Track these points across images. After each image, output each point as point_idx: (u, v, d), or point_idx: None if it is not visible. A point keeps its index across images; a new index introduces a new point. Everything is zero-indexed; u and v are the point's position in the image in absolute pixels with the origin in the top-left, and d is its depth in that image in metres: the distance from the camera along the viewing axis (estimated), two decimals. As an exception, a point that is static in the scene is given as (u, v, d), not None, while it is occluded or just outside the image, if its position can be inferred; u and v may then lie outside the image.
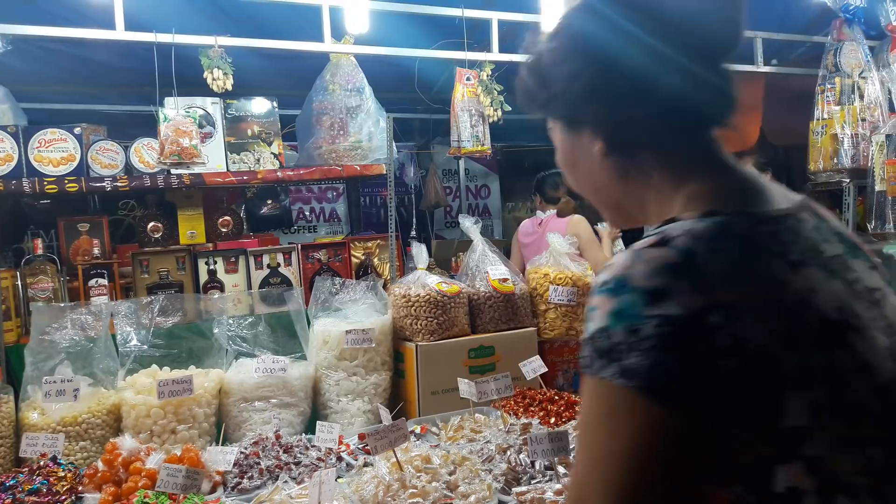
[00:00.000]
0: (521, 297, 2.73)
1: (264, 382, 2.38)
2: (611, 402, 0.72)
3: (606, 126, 0.90)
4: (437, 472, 1.77)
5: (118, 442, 1.94)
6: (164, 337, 2.48)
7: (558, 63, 0.92)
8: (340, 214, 7.22)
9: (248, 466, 1.98)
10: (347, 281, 2.64)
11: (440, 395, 2.56)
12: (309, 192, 7.12)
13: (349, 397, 2.49)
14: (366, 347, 2.49)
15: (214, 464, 1.94)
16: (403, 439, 1.78)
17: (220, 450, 2.01)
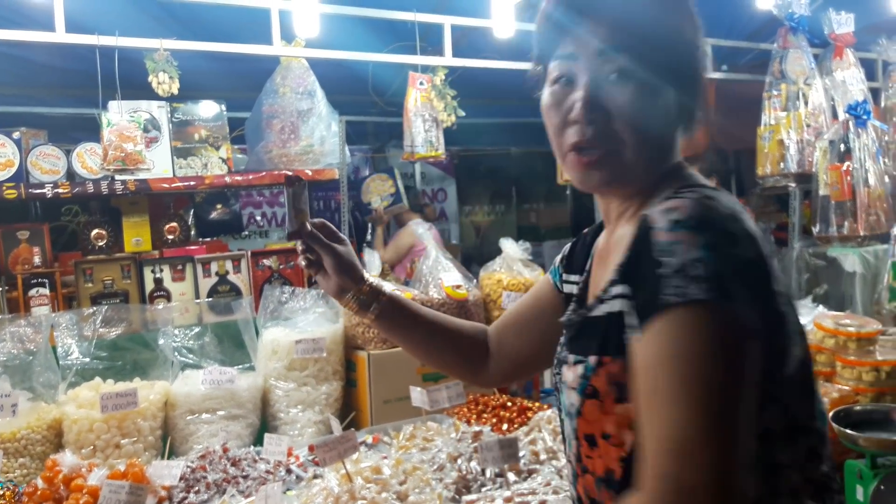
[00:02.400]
0: (474, 304, 2.76)
1: (211, 394, 2.36)
2: (716, 327, 0.79)
3: (694, 90, 1.01)
4: (388, 483, 1.79)
5: (59, 458, 1.90)
6: (108, 349, 2.44)
7: (675, 21, 1.01)
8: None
9: (195, 480, 1.96)
10: (298, 289, 2.63)
11: (393, 404, 2.57)
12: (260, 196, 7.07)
13: (299, 408, 2.49)
14: (316, 357, 2.49)
15: (160, 479, 1.92)
16: (353, 450, 1.79)
17: (166, 464, 1.99)
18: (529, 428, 2.17)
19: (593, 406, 0.95)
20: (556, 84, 1.02)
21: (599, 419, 0.94)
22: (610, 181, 1.01)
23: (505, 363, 1.38)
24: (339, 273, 1.30)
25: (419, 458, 2.02)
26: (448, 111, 3.64)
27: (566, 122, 1.00)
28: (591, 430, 0.96)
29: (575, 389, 0.98)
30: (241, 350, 2.57)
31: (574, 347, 1.03)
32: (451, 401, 2.09)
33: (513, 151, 8.00)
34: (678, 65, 0.99)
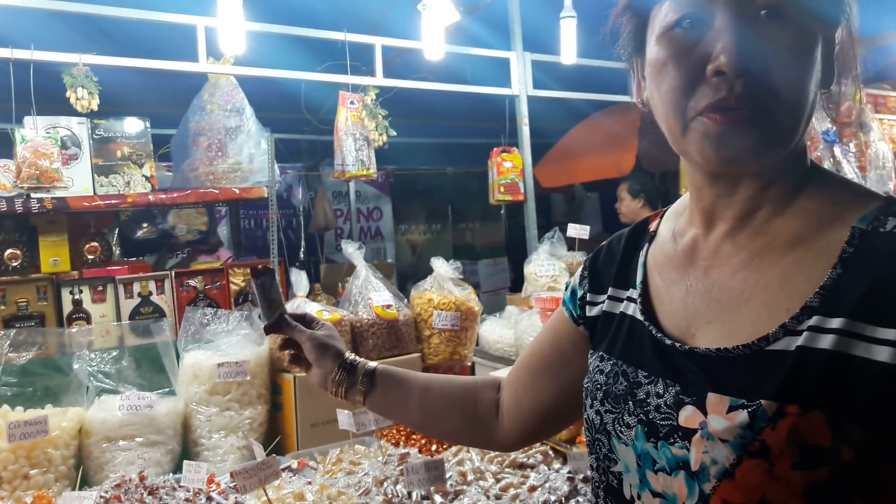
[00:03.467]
0: (405, 324, 2.75)
1: (129, 420, 2.27)
2: None
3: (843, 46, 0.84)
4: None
5: (-43, 493, 1.79)
6: (17, 374, 2.32)
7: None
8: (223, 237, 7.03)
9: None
10: (221, 311, 2.57)
11: (320, 428, 2.53)
12: (190, 216, 6.89)
13: (222, 433, 2.42)
14: (240, 381, 2.43)
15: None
16: (275, 476, 1.75)
17: (77, 495, 1.90)
18: (457, 448, 2.16)
19: (756, 468, 0.73)
20: (673, 30, 0.81)
21: (762, 485, 0.73)
22: (759, 150, 0.78)
23: (526, 419, 1.16)
24: (318, 357, 1.24)
25: (345, 482, 1.99)
26: (379, 130, 3.64)
27: (698, 77, 0.79)
28: (741, 498, 0.74)
29: (727, 442, 0.75)
30: (161, 374, 2.48)
31: (726, 386, 0.79)
32: (378, 423, 2.06)
33: (448, 171, 8.05)
34: (832, 7, 0.80)
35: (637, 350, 0.92)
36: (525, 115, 4.08)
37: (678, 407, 0.82)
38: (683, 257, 0.93)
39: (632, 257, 1.02)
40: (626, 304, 0.98)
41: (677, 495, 0.80)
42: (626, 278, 1.01)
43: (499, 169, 4.17)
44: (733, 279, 0.85)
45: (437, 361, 2.80)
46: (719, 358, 0.81)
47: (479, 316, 2.92)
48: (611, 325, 0.99)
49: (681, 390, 0.83)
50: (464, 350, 2.85)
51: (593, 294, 1.06)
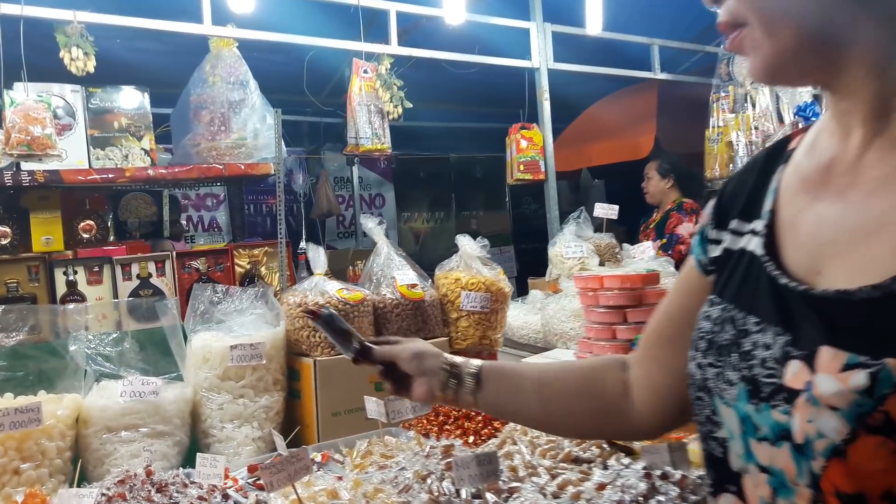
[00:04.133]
0: (431, 305, 2.52)
1: (132, 408, 2.04)
2: None
3: None
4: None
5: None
6: (7, 357, 2.08)
7: None
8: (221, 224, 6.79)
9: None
10: (231, 288, 2.33)
11: (342, 417, 2.30)
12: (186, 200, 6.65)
13: (235, 423, 2.18)
14: (255, 365, 2.20)
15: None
16: (305, 471, 1.52)
17: (76, 493, 1.66)
18: (501, 440, 1.93)
19: (878, 448, 0.59)
20: None
21: (886, 471, 0.59)
22: (768, 72, 0.74)
23: (665, 398, 0.99)
24: (419, 366, 1.17)
25: (379, 477, 1.76)
26: (394, 102, 3.40)
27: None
28: (857, 486, 0.60)
29: (838, 411, 0.62)
30: (166, 358, 2.25)
31: (845, 338, 0.64)
32: (416, 411, 1.83)
33: (452, 157, 7.81)
34: None
35: (751, 292, 0.78)
36: (546, 88, 3.85)
37: (784, 361, 0.69)
38: (818, 177, 0.77)
39: (764, 183, 0.86)
40: (749, 239, 0.83)
41: (785, 472, 0.67)
42: (754, 208, 0.85)
43: (518, 146, 3.94)
44: (870, 200, 0.70)
45: (465, 346, 2.58)
46: (839, 302, 0.66)
47: (509, 297, 2.70)
48: (727, 264, 0.86)
49: (790, 340, 0.69)
50: (494, 334, 2.63)
51: (718, 230, 0.90)
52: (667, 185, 4.41)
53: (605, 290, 2.32)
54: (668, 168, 4.41)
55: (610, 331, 2.33)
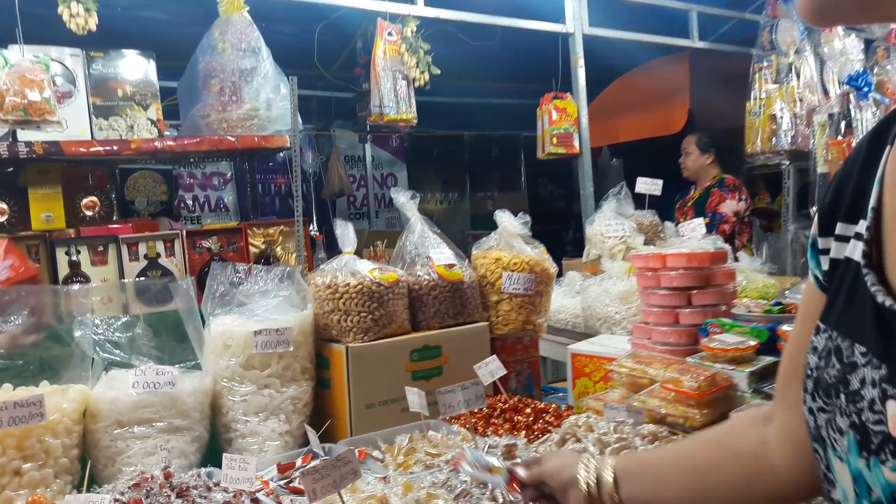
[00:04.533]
0: (470, 287, 2.30)
1: (146, 401, 1.83)
2: None
3: None
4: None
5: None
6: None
7: None
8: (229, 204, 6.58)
9: (126, 521, 1.44)
10: (254, 267, 2.11)
11: (377, 409, 2.09)
12: (192, 179, 6.43)
13: (260, 416, 1.98)
14: (281, 352, 1.99)
15: (75, 521, 1.39)
16: (352, 476, 1.31)
17: (85, 498, 1.45)
18: (561, 437, 1.72)
19: None
20: None
21: None
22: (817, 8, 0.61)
23: (805, 449, 0.82)
24: (564, 483, 1.10)
25: (429, 480, 1.55)
26: (421, 67, 3.17)
27: None
28: None
29: None
30: (182, 344, 2.04)
31: None
32: (470, 405, 1.61)
33: (466, 135, 7.57)
34: None
35: (856, 315, 0.64)
36: (580, 55, 3.61)
37: (884, 402, 0.57)
38: None
39: (869, 173, 0.69)
40: (853, 245, 0.68)
41: None
42: (858, 206, 0.70)
43: (550, 118, 3.70)
44: None
45: (506, 331, 2.37)
46: None
47: (553, 279, 2.48)
48: (834, 279, 0.72)
49: (886, 375, 0.57)
50: (537, 318, 2.41)
51: (824, 238, 0.75)
52: (707, 160, 4.17)
53: (667, 270, 2.10)
54: (709, 142, 4.17)
55: (672, 315, 2.11)
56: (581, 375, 2.28)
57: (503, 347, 2.40)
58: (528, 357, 2.51)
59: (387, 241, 2.41)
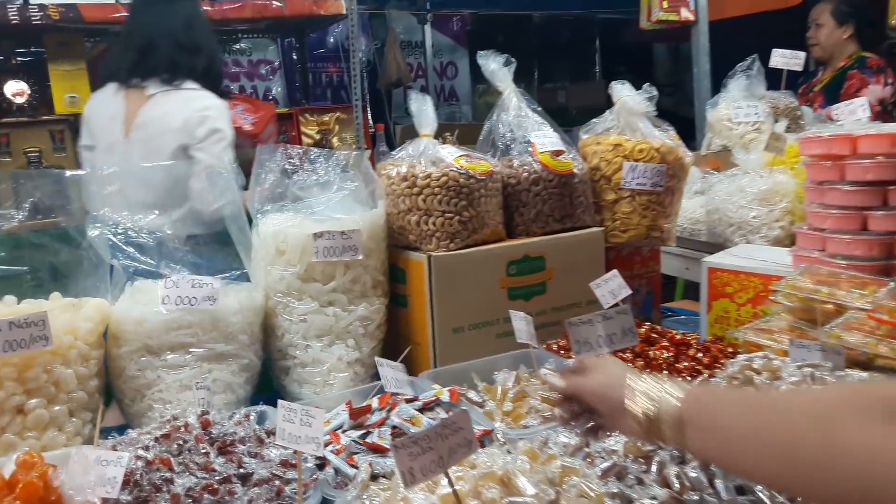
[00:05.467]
0: (581, 182, 1.83)
1: (180, 320, 1.45)
2: None
3: None
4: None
5: None
6: (5, 248, 1.49)
7: None
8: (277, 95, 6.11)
9: (151, 489, 1.07)
10: (311, 150, 1.66)
11: (467, 334, 1.68)
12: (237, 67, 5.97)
13: (323, 341, 1.59)
14: (348, 260, 1.57)
15: (83, 488, 1.03)
16: (465, 450, 0.90)
17: (96, 455, 1.09)
18: (728, 381, 1.28)
19: None
20: None
21: None
22: None
23: None
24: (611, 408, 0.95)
25: (559, 442, 1.14)
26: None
27: None
28: None
29: None
30: (225, 249, 1.65)
31: None
32: (614, 341, 1.17)
33: (535, 17, 6.85)
34: None
35: None
36: None
37: None
38: None
39: None
40: None
41: None
42: None
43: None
44: None
45: (625, 239, 1.91)
46: None
47: (689, 171, 1.99)
48: None
49: None
50: (666, 223, 1.94)
51: None
52: (844, 34, 3.50)
53: (858, 159, 1.58)
54: (848, 12, 3.48)
55: (859, 219, 1.61)
56: (720, 296, 1.82)
57: (617, 260, 1.95)
58: (647, 272, 2.06)
59: (458, 134, 1.93)
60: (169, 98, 2.35)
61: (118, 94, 2.39)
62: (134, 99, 2.37)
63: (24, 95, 2.86)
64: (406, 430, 1.26)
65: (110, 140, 2.38)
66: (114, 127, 2.37)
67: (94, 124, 2.42)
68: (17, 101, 2.83)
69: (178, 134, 2.29)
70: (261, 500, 1.06)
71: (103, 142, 2.40)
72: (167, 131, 2.30)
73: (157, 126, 2.32)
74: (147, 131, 2.33)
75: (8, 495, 0.98)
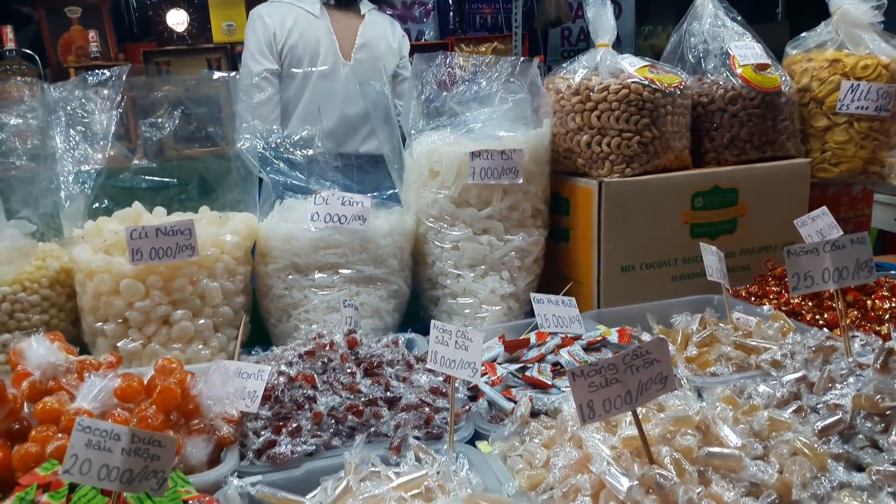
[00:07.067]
0: (788, 103, 1.59)
1: (329, 239, 1.39)
2: None
3: None
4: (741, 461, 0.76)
5: (24, 350, 0.99)
6: (153, 154, 1.50)
7: None
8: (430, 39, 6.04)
9: (293, 406, 1.01)
10: (474, 57, 1.53)
11: (637, 274, 1.52)
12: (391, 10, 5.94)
13: (476, 271, 1.48)
14: (506, 185, 1.45)
15: (222, 399, 0.99)
16: (661, 386, 0.76)
17: (238, 367, 1.04)
18: None
19: None
20: None
21: None
22: None
23: None
24: None
25: (762, 390, 0.97)
26: None
27: None
28: None
29: None
30: (376, 169, 1.57)
31: None
32: (845, 277, 0.97)
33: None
34: None
35: None
36: None
37: None
38: None
39: None
40: None
41: None
42: None
43: None
44: None
45: (836, 174, 1.65)
46: None
47: (922, 94, 1.68)
48: None
49: None
50: (888, 156, 1.65)
51: None
52: None
53: None
54: None
55: None
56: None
57: (820, 200, 1.69)
58: (856, 216, 1.79)
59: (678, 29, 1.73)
60: (377, 18, 2.54)
61: (322, 14, 2.44)
62: (342, 19, 2.47)
63: (184, 24, 2.93)
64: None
65: (329, 61, 2.43)
66: (328, 48, 2.42)
67: (300, 49, 2.40)
68: (178, 29, 2.91)
69: (394, 54, 2.54)
70: (408, 426, 0.98)
71: (317, 63, 2.43)
72: (388, 51, 2.51)
73: (377, 47, 2.48)
74: (370, 52, 2.47)
75: (145, 399, 0.95)
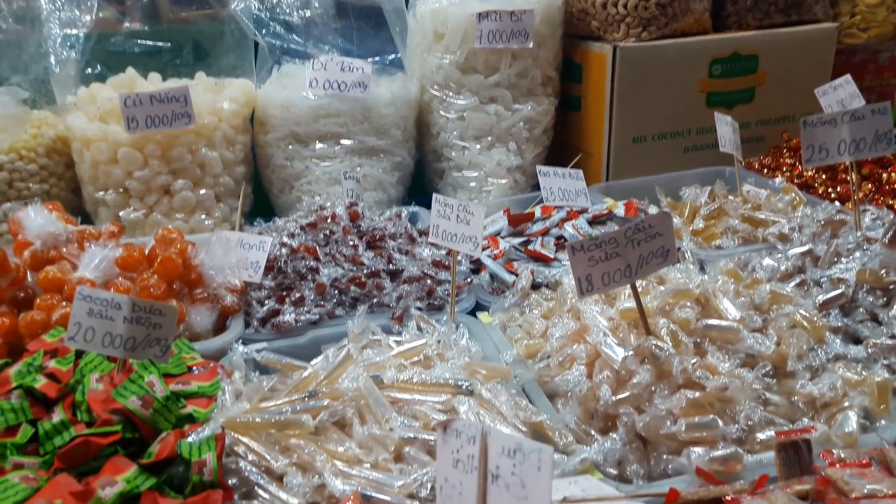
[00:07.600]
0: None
1: (329, 107, 1.36)
2: None
3: None
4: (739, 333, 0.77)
5: (23, 219, 1.00)
6: (148, 19, 1.44)
7: None
8: None
9: (296, 277, 1.03)
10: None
11: (648, 145, 1.49)
12: None
13: (483, 142, 1.46)
14: (516, 49, 1.39)
15: (224, 269, 1.00)
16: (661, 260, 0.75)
17: (240, 238, 1.05)
18: None
19: None
20: None
21: None
22: None
23: None
24: None
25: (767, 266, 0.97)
26: None
27: None
28: None
29: None
30: (379, 32, 1.51)
31: None
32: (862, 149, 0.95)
33: None
34: None
35: None
36: None
37: None
38: None
39: None
40: None
41: None
42: None
43: None
44: None
45: (865, 39, 1.58)
46: None
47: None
48: None
49: None
50: (921, 19, 1.57)
51: None
52: None
53: None
54: None
55: None
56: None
57: (848, 64, 1.63)
58: (882, 85, 1.73)
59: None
60: None
61: None
62: None
63: None
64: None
65: None
66: None
67: None
68: None
69: None
70: (410, 298, 0.99)
71: None
72: None
73: None
74: None
75: (146, 269, 0.96)
